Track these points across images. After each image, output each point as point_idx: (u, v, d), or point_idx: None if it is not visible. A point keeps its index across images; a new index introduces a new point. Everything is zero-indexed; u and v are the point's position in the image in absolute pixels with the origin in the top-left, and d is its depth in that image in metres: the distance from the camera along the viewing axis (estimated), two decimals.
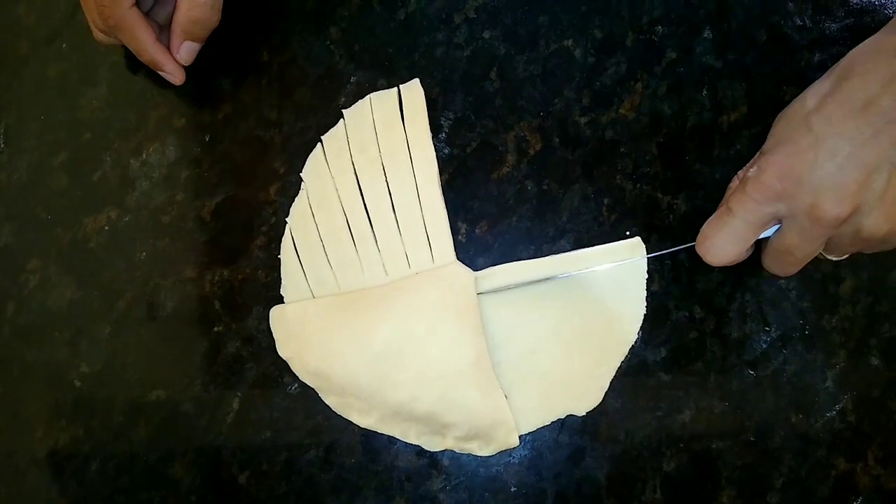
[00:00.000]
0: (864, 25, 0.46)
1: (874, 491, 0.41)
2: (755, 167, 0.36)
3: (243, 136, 0.49)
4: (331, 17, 0.51)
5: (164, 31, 0.49)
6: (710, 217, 0.38)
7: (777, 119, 0.37)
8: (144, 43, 0.47)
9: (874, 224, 0.35)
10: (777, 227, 0.37)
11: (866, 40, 0.37)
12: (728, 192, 0.40)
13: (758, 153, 0.38)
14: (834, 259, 0.40)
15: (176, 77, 0.49)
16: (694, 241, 0.39)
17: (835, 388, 0.42)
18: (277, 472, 0.44)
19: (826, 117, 0.34)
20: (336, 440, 0.44)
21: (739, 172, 0.39)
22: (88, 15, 0.49)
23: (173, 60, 0.49)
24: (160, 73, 0.49)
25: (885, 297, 0.43)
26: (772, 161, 0.35)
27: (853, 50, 0.37)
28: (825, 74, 0.36)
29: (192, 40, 0.48)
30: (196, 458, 0.45)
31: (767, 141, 0.37)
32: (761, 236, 0.37)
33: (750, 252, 0.38)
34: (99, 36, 0.49)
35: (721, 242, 0.37)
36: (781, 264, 0.38)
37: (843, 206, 0.34)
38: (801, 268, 0.38)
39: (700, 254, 0.38)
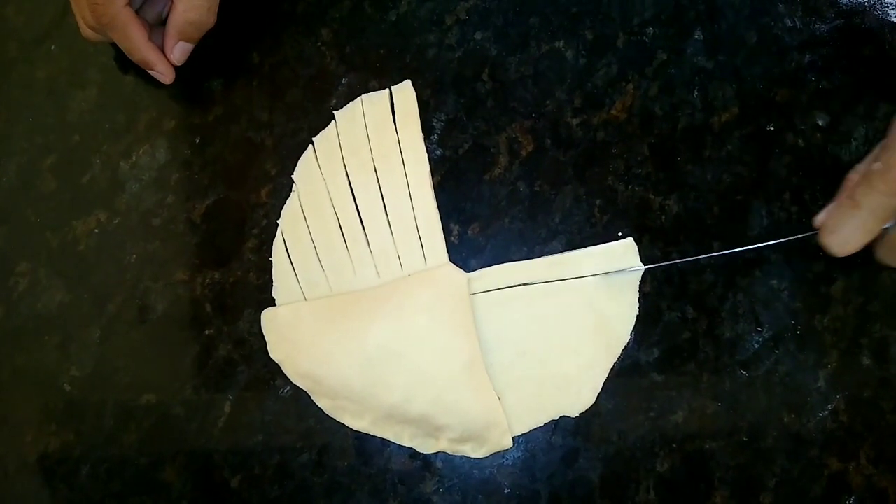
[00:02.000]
0: (854, 26, 0.46)
1: (866, 490, 0.41)
2: (880, 161, 0.37)
3: (234, 138, 0.49)
4: (322, 18, 0.51)
5: (153, 30, 0.49)
6: (828, 210, 0.39)
7: (894, 121, 0.38)
8: (136, 42, 0.47)
9: None
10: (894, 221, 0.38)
11: None
12: (844, 185, 0.40)
13: (878, 147, 0.38)
14: None
15: (166, 77, 0.49)
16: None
17: (827, 388, 0.42)
18: (270, 476, 0.44)
19: None
20: (329, 443, 0.44)
21: (858, 166, 0.40)
22: (78, 12, 0.48)
23: (164, 60, 0.48)
24: (150, 72, 0.49)
25: (876, 297, 0.43)
26: None
27: None
28: None
29: (187, 41, 0.48)
30: (187, 462, 0.45)
31: (887, 139, 0.37)
32: (885, 226, 0.38)
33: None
34: (87, 33, 0.49)
35: (848, 233, 0.38)
36: None
37: None
38: None
39: (825, 245, 0.38)
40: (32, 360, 0.48)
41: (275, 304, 0.46)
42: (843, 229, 0.38)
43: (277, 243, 0.47)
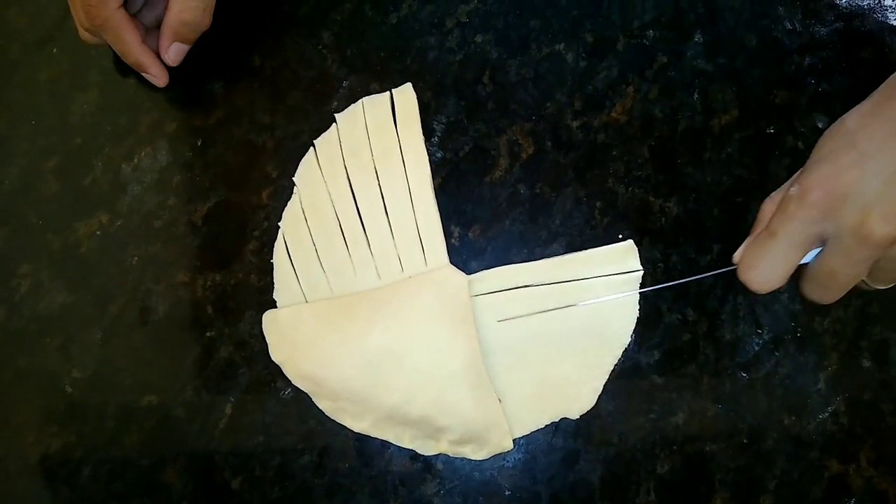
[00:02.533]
0: (854, 29, 0.46)
1: (867, 492, 0.41)
2: (796, 186, 0.34)
3: (236, 141, 0.49)
4: (323, 21, 0.51)
5: (150, 33, 0.49)
6: (747, 243, 0.37)
7: (819, 141, 0.36)
8: (130, 44, 0.47)
9: None
10: (817, 251, 0.35)
11: None
12: (759, 217, 0.38)
13: (796, 174, 0.36)
14: (879, 287, 0.37)
15: (160, 80, 0.49)
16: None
17: (827, 390, 0.42)
18: (270, 478, 0.44)
19: (869, 134, 0.33)
20: (329, 445, 0.44)
21: (772, 195, 0.38)
22: (75, 14, 0.48)
23: (158, 63, 0.48)
24: (144, 75, 0.49)
25: (875, 300, 0.43)
26: (816, 179, 0.34)
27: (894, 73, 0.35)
28: (867, 98, 0.35)
29: (182, 42, 0.48)
30: (188, 464, 0.45)
31: (809, 160, 0.35)
32: (803, 261, 0.36)
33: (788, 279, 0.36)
34: (85, 35, 0.49)
35: (766, 268, 0.35)
36: (823, 290, 0.36)
37: (892, 224, 0.32)
38: (842, 295, 0.35)
39: (744, 281, 0.36)
40: (34, 362, 0.48)
41: (276, 306, 0.46)
42: (762, 263, 0.35)
43: (278, 245, 0.47)
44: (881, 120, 0.33)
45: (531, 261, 0.44)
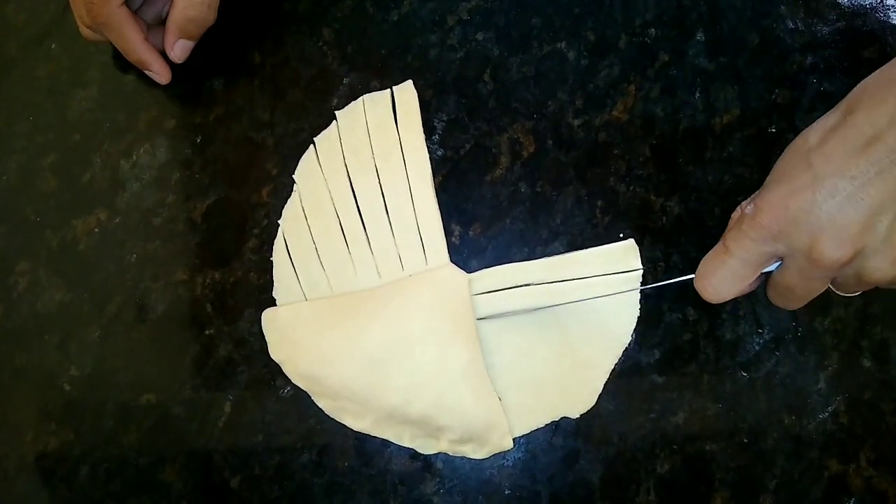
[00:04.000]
0: (856, 28, 0.46)
1: (867, 492, 0.41)
2: (751, 204, 0.34)
3: (235, 138, 0.49)
4: (323, 18, 0.51)
5: (151, 29, 0.49)
6: (709, 252, 0.37)
7: (781, 156, 0.35)
8: (132, 42, 0.47)
9: (878, 268, 0.32)
10: (780, 262, 0.35)
11: (875, 71, 0.34)
12: (729, 224, 0.38)
13: (759, 190, 0.36)
14: (844, 295, 0.37)
15: (162, 77, 0.49)
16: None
17: (827, 390, 0.42)
18: (270, 476, 0.44)
19: (826, 154, 0.32)
20: (329, 444, 0.44)
21: (742, 203, 0.37)
22: (76, 11, 0.48)
23: (160, 60, 0.48)
24: (146, 72, 0.49)
25: (876, 299, 0.43)
26: (769, 199, 0.34)
27: (862, 82, 0.34)
28: (832, 109, 0.34)
29: (187, 38, 0.48)
30: (187, 462, 0.45)
31: (768, 177, 0.35)
32: (765, 270, 0.36)
33: (754, 286, 0.37)
34: (86, 32, 0.49)
35: (718, 281, 0.35)
36: (784, 300, 0.37)
37: (844, 249, 0.32)
38: (806, 303, 0.36)
39: (698, 290, 0.36)
40: (32, 360, 0.48)
41: (275, 304, 0.46)
42: (714, 277, 0.35)
43: (278, 243, 0.47)
44: (840, 137, 0.32)
45: (532, 259, 0.44)
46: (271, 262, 0.46)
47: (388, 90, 0.48)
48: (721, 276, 0.35)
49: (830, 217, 0.32)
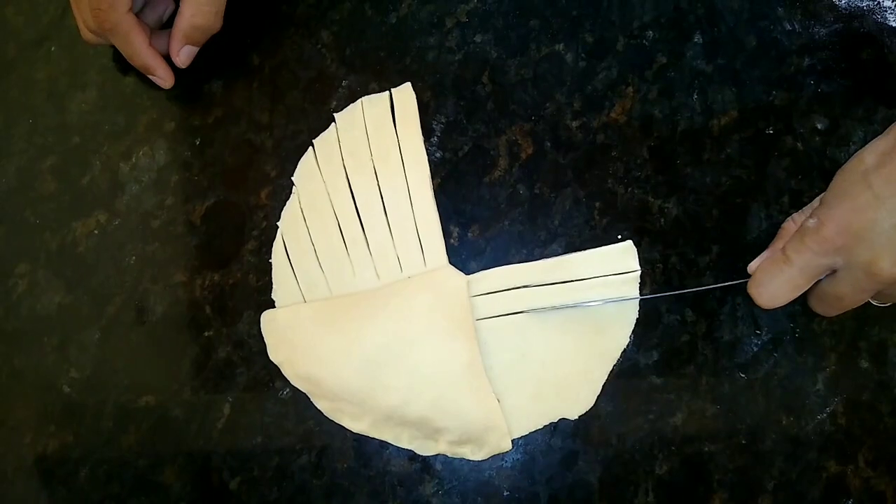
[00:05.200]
0: (853, 30, 0.46)
1: (865, 493, 0.41)
2: (814, 219, 0.36)
3: (234, 140, 0.49)
4: (322, 20, 0.51)
5: (154, 34, 0.49)
6: (762, 260, 0.39)
7: (837, 174, 0.37)
8: (138, 48, 0.47)
9: None
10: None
11: None
12: (780, 234, 0.40)
13: (816, 201, 0.38)
14: (879, 305, 0.41)
15: (166, 82, 0.49)
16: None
17: (825, 391, 0.42)
18: (269, 478, 0.44)
19: (886, 176, 0.34)
20: (328, 445, 0.44)
21: (794, 216, 0.40)
22: (79, 16, 0.48)
23: (165, 65, 0.49)
24: (150, 77, 0.49)
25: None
26: (832, 215, 0.36)
27: None
28: (885, 132, 0.36)
29: (193, 45, 0.48)
30: (186, 464, 0.45)
31: (826, 193, 0.37)
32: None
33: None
34: (87, 36, 0.49)
35: (776, 288, 0.38)
36: (828, 308, 0.39)
37: None
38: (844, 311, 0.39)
39: (753, 296, 0.38)
40: (31, 362, 0.48)
41: (274, 306, 0.46)
42: (772, 284, 0.38)
43: (277, 245, 0.47)
44: None
45: (530, 261, 0.44)
46: (270, 263, 0.47)
47: (387, 92, 0.48)
48: (778, 284, 0.38)
49: (890, 236, 0.34)
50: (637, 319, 0.43)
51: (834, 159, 0.44)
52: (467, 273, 0.44)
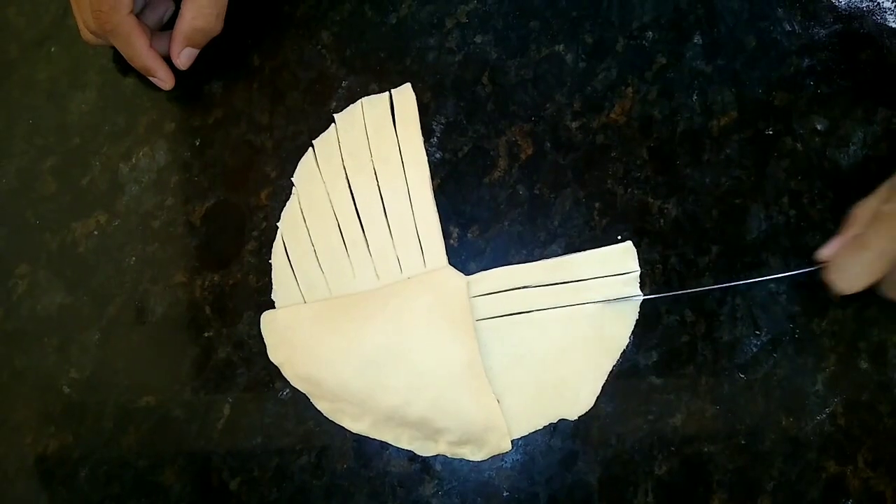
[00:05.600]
0: (853, 31, 0.46)
1: (864, 493, 0.41)
2: (893, 203, 0.36)
3: (234, 141, 0.49)
4: (322, 21, 0.51)
5: (154, 35, 0.49)
6: (835, 245, 0.39)
7: None
8: (138, 49, 0.47)
9: None
10: None
11: None
12: (850, 221, 0.40)
13: (887, 184, 0.38)
14: None
15: (167, 83, 0.49)
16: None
17: (825, 392, 0.42)
18: (269, 478, 0.44)
19: None
20: (328, 446, 0.44)
21: (865, 201, 0.39)
22: (80, 17, 0.48)
23: (165, 66, 0.49)
24: (150, 78, 0.49)
25: (874, 301, 0.43)
26: None
27: None
28: None
29: (193, 47, 0.48)
30: (186, 465, 0.45)
31: (894, 179, 0.37)
32: None
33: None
34: (88, 37, 0.49)
35: (855, 273, 0.38)
36: None
37: None
38: None
39: (831, 282, 0.38)
40: (32, 362, 0.48)
41: (274, 307, 0.46)
42: (851, 269, 0.38)
43: (277, 246, 0.47)
44: None
45: (530, 262, 0.44)
46: (270, 264, 0.47)
47: (387, 93, 0.48)
48: (857, 269, 0.38)
49: None
50: (637, 320, 0.43)
51: (833, 160, 0.44)
52: (467, 274, 0.44)
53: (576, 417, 0.43)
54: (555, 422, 0.43)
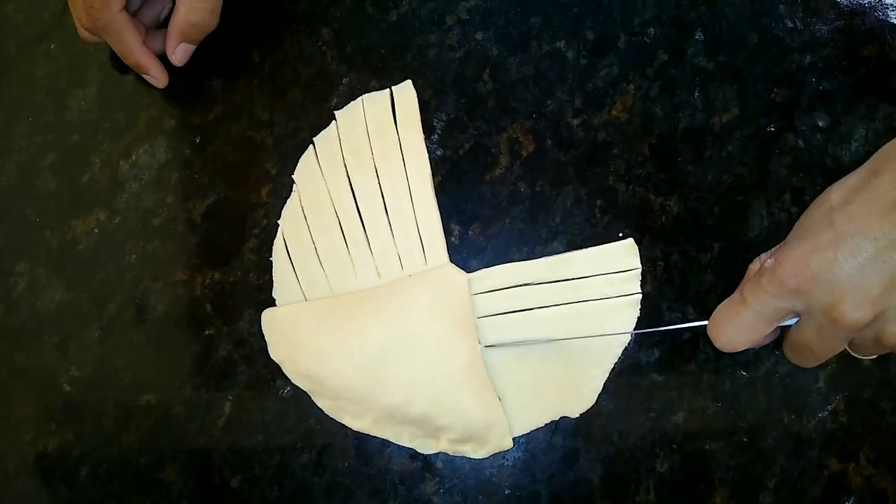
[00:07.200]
0: (854, 27, 0.46)
1: (866, 491, 0.41)
2: (773, 259, 0.34)
3: (234, 138, 0.49)
4: (323, 18, 0.51)
5: (149, 32, 0.49)
6: (725, 301, 0.37)
7: (804, 213, 0.35)
8: (131, 46, 0.47)
9: None
10: (797, 318, 0.35)
11: None
12: (747, 275, 0.38)
13: (780, 244, 0.36)
14: (862, 358, 0.38)
15: (160, 81, 0.49)
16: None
17: (827, 389, 0.42)
18: (270, 476, 0.44)
19: (850, 214, 0.32)
20: (329, 443, 0.44)
21: (762, 255, 0.37)
22: (75, 13, 0.48)
23: (159, 64, 0.48)
24: (144, 76, 0.49)
25: None
26: (789, 255, 0.33)
27: (887, 144, 0.33)
28: (857, 169, 0.34)
29: (188, 43, 0.48)
30: (187, 462, 0.45)
31: (790, 233, 0.35)
32: (783, 324, 0.36)
33: (769, 339, 0.37)
34: (83, 34, 0.49)
35: (733, 331, 0.35)
36: (800, 358, 0.37)
37: (864, 310, 0.31)
38: (822, 362, 0.36)
39: (711, 338, 0.36)
40: (32, 360, 0.48)
41: (275, 305, 0.46)
42: (729, 327, 0.35)
43: (278, 243, 0.47)
44: (864, 198, 0.32)
45: (531, 259, 0.44)
46: (271, 262, 0.46)
47: (388, 90, 0.48)
48: (735, 327, 0.35)
49: (851, 278, 0.31)
50: (638, 317, 0.43)
51: (835, 157, 0.44)
52: (468, 271, 0.44)
53: (577, 415, 0.43)
54: (556, 419, 0.43)
